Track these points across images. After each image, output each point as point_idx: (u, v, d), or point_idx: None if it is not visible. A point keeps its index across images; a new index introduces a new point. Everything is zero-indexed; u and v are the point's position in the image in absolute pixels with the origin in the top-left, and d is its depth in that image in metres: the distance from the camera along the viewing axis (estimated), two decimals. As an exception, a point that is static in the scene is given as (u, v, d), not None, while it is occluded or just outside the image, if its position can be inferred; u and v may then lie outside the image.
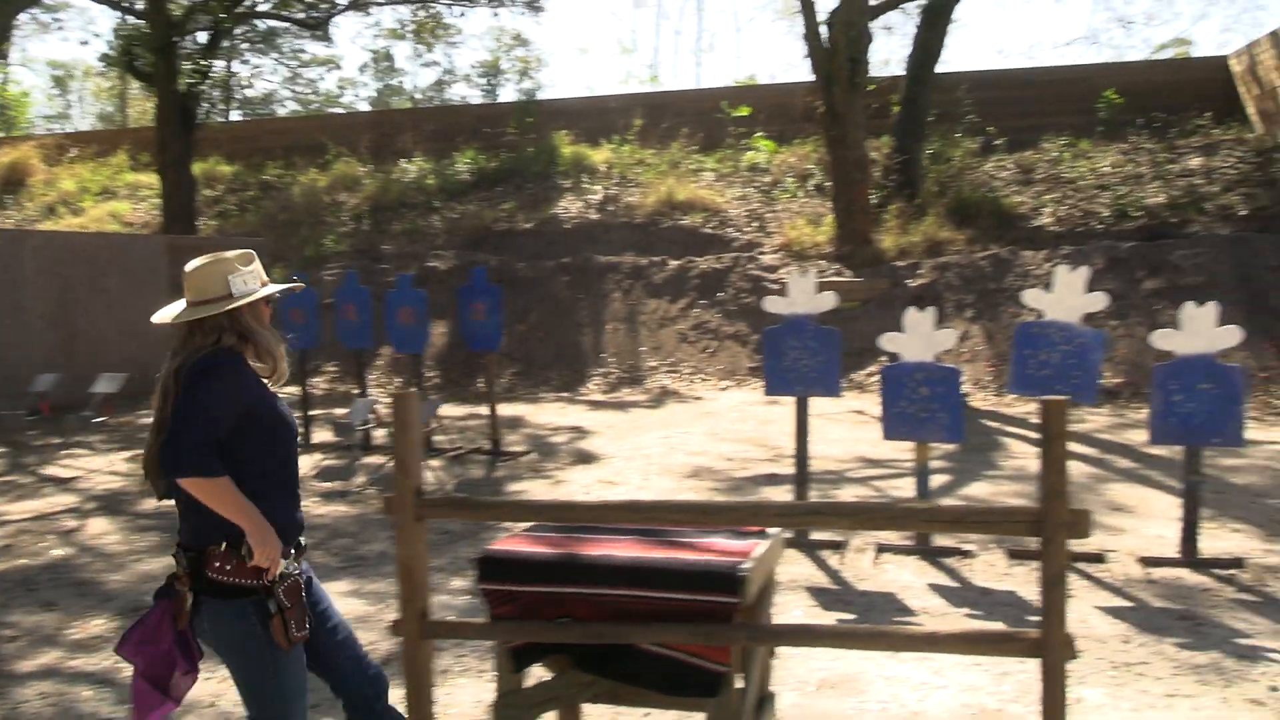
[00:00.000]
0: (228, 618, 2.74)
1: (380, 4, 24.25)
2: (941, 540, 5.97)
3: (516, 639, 3.11)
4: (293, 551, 2.85)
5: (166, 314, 2.90)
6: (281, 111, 47.60)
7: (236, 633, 2.75)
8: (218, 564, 2.71)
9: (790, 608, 5.21)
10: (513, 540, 3.24)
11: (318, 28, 24.39)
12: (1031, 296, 6.02)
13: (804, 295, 6.27)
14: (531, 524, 3.38)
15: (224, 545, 2.72)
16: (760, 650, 3.20)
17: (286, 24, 26.35)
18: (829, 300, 6.33)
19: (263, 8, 23.73)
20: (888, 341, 5.99)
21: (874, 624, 4.93)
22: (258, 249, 3.40)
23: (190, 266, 2.88)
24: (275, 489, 2.85)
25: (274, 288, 2.97)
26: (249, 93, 48.08)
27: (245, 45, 46.44)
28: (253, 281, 2.90)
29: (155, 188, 20.43)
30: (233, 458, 2.73)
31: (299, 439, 3.22)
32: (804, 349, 6.24)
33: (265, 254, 17.35)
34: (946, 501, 7.46)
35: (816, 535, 6.28)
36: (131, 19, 21.31)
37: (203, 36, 20.62)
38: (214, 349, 2.79)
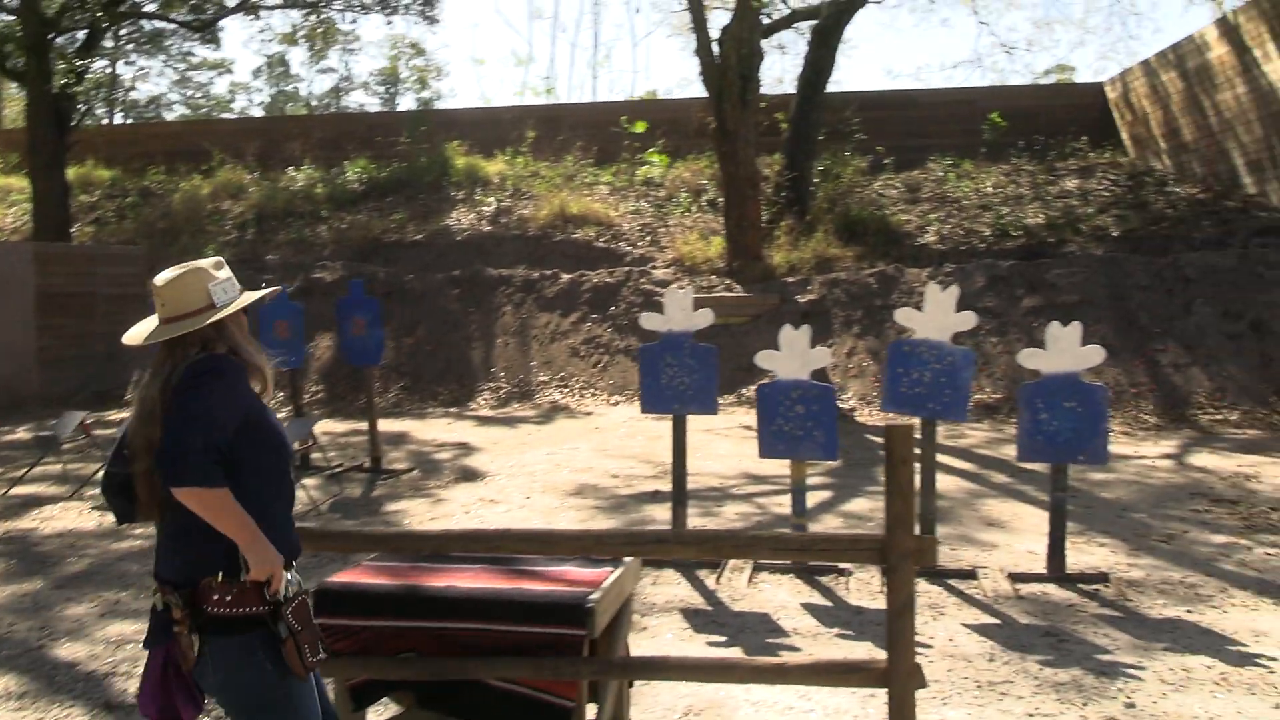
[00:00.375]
0: (235, 655, 2.48)
1: (270, 7, 23.63)
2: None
3: (356, 675, 2.96)
4: (295, 573, 2.62)
5: (140, 334, 2.66)
6: (170, 116, 46.22)
7: (244, 672, 2.48)
8: (216, 596, 2.46)
9: (662, 630, 5.13)
10: (353, 571, 3.09)
11: (204, 30, 23.65)
12: (903, 315, 6.06)
13: (681, 312, 6.22)
14: (375, 553, 3.23)
15: (220, 576, 2.47)
16: (614, 682, 3.10)
17: (173, 25, 25.56)
18: (706, 317, 6.29)
19: (147, 8, 22.95)
20: (764, 359, 5.96)
21: (746, 646, 4.88)
22: (132, 257, 3.13)
23: (163, 280, 2.63)
24: (275, 506, 2.61)
25: (255, 294, 2.75)
26: (134, 95, 46.59)
27: (130, 46, 45.06)
28: (231, 289, 2.68)
29: (27, 192, 19.51)
30: (231, 471, 2.49)
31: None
32: (681, 366, 6.18)
33: (140, 263, 16.73)
34: (827, 518, 7.49)
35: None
36: (4, 15, 20.37)
37: (81, 35, 19.80)
38: (208, 354, 2.57)
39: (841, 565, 5.96)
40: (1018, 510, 7.67)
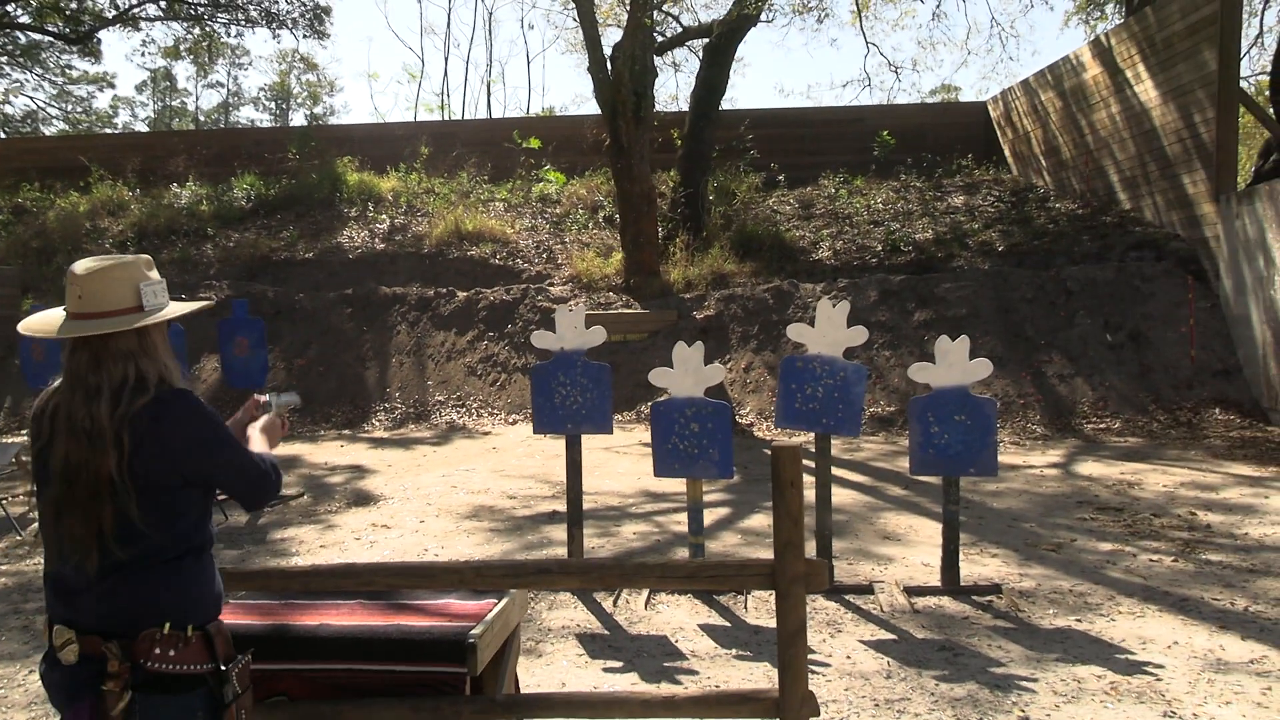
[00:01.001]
0: (172, 718, 2.18)
1: (150, 19, 22.91)
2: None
3: (222, 724, 2.76)
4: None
5: (45, 325, 2.30)
6: (50, 131, 44.43)
7: None
8: (159, 651, 2.15)
9: (558, 657, 5.00)
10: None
11: (81, 42, 22.81)
12: (795, 331, 6.05)
13: (573, 330, 6.11)
14: (243, 591, 3.03)
15: (166, 627, 2.17)
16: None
17: (48, 37, 24.56)
18: (599, 334, 6.19)
19: (21, 19, 22.03)
20: (657, 377, 5.89)
21: (643, 670, 4.78)
22: (5, 278, 2.70)
23: (84, 268, 2.26)
24: (210, 551, 2.36)
25: (187, 306, 2.42)
26: (9, 110, 44.71)
27: (4, 59, 43.29)
28: (162, 295, 2.33)
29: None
30: (183, 511, 2.24)
31: None
32: (574, 385, 6.07)
33: (13, 283, 15.95)
34: (726, 535, 7.45)
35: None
36: None
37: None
38: (172, 390, 2.25)
39: (739, 584, 5.91)
40: (913, 523, 7.74)
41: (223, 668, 2.24)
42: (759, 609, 5.68)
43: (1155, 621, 5.32)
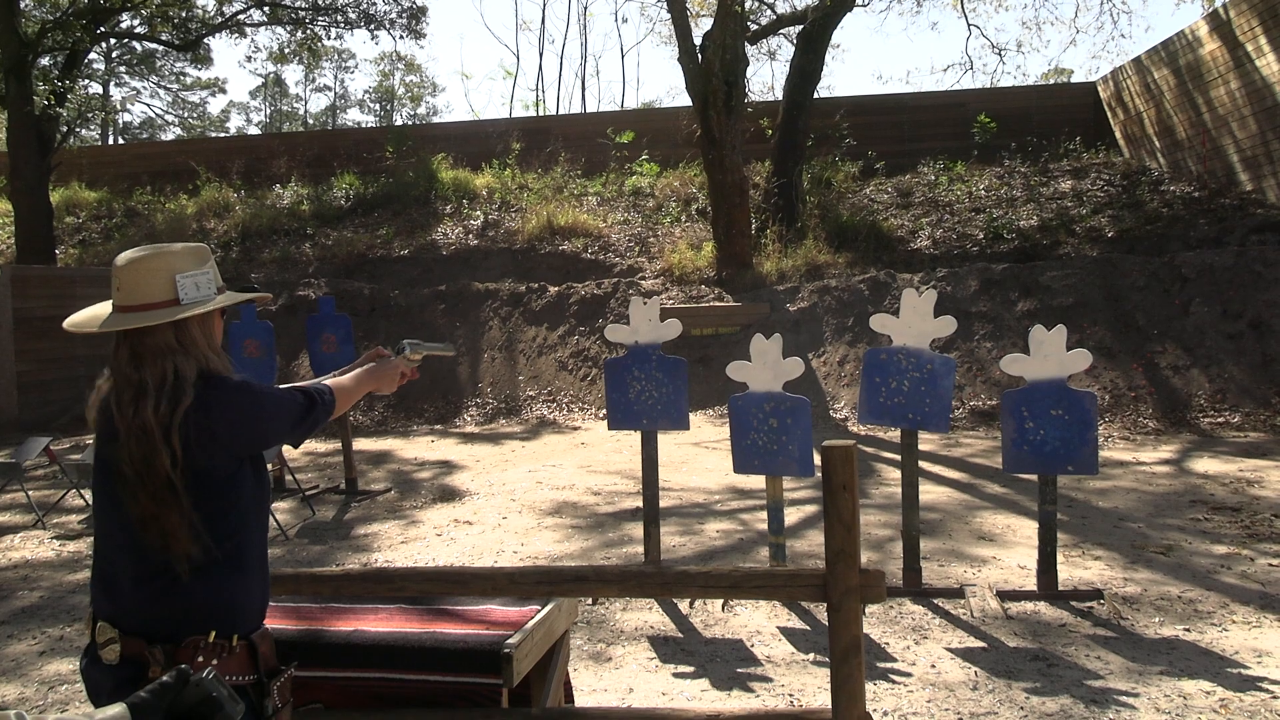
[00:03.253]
0: None
1: (254, 24, 23.47)
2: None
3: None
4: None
5: (87, 319, 2.23)
6: (166, 136, 46.16)
7: None
8: (201, 659, 2.08)
9: (629, 661, 4.84)
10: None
11: (189, 49, 23.49)
12: (878, 321, 5.78)
13: (647, 323, 5.94)
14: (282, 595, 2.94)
15: (212, 635, 2.10)
16: (546, 731, 2.81)
17: (162, 46, 25.39)
18: (674, 328, 6.01)
19: (138, 29, 22.80)
20: (735, 371, 5.68)
21: (714, 677, 4.59)
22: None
23: (123, 260, 2.20)
24: (262, 555, 2.26)
25: (233, 296, 2.31)
26: (128, 117, 46.59)
27: (123, 69, 45.08)
28: (205, 286, 2.23)
29: (11, 214, 19.31)
30: (233, 504, 2.16)
31: None
32: (649, 379, 5.90)
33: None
34: (811, 534, 7.20)
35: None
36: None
37: (63, 57, 19.63)
38: (216, 375, 2.18)
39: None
40: (1011, 522, 7.37)
41: (264, 680, 2.14)
42: (842, 612, 5.43)
43: (1273, 632, 4.91)
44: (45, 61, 19.37)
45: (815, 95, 17.47)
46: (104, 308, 2.26)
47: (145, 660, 2.10)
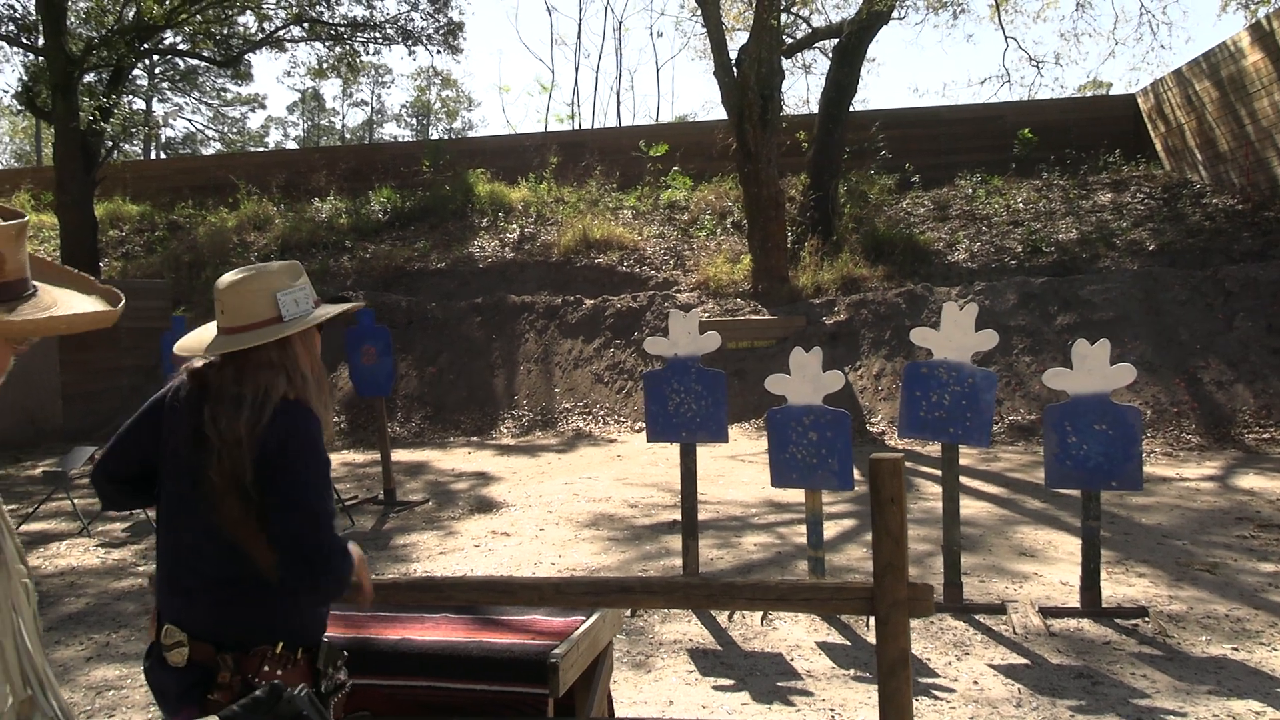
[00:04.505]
0: None
1: (294, 40, 23.76)
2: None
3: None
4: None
5: (195, 343, 2.26)
6: (207, 151, 46.83)
7: None
8: (268, 669, 2.11)
9: (668, 673, 4.84)
10: (304, 623, 2.83)
11: (230, 65, 23.82)
12: (919, 335, 5.75)
13: (686, 335, 5.94)
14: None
15: (280, 645, 2.13)
16: (590, 741, 2.82)
17: (204, 62, 25.83)
18: (713, 340, 6.01)
19: (179, 46, 23.19)
20: (773, 384, 5.68)
21: (754, 690, 4.57)
22: (157, 291, 2.59)
23: (225, 282, 2.24)
24: None
25: (331, 309, 2.34)
26: (170, 132, 47.31)
27: (165, 85, 45.79)
28: (305, 301, 2.26)
29: (57, 228, 19.65)
30: None
31: None
32: (688, 392, 5.91)
33: (165, 296, 16.72)
34: (850, 548, 7.16)
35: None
36: (32, 55, 20.61)
37: (108, 74, 19.97)
38: (298, 404, 2.19)
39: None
40: (1052, 538, 7.29)
41: (325, 694, 2.17)
42: (882, 627, 5.40)
43: (1324, 652, 4.83)
44: (91, 78, 19.68)
45: (851, 108, 17.43)
46: (209, 330, 2.30)
47: (214, 665, 2.13)
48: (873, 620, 5.35)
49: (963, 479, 9.26)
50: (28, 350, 1.64)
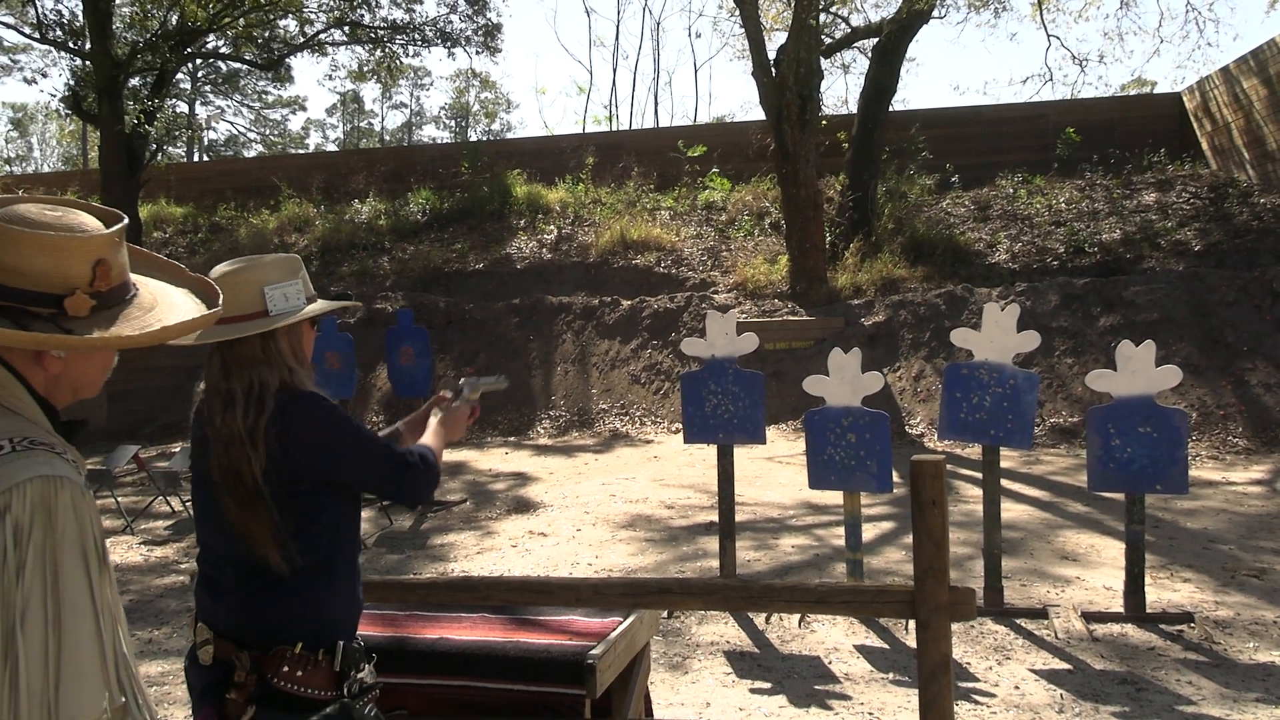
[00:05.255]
0: None
1: (336, 44, 23.98)
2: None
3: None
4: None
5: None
6: (249, 154, 47.40)
7: None
8: (287, 669, 2.08)
9: (705, 675, 4.82)
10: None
11: (272, 68, 24.10)
12: (960, 336, 5.69)
13: (724, 336, 5.92)
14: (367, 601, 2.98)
15: (299, 645, 2.10)
16: (627, 742, 2.81)
17: (246, 66, 26.13)
18: (751, 341, 5.98)
19: (222, 50, 23.50)
20: (812, 385, 5.64)
21: (792, 693, 4.55)
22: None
23: (217, 273, 2.21)
24: (352, 571, 2.26)
25: (323, 305, 2.31)
26: (213, 135, 47.91)
27: (208, 88, 46.37)
28: (295, 297, 2.25)
29: (101, 230, 19.96)
30: (314, 519, 2.16)
31: None
32: (725, 393, 5.88)
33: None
34: (889, 550, 7.11)
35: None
36: (78, 59, 20.96)
37: (152, 77, 20.26)
38: (283, 397, 2.17)
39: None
40: (1095, 542, 7.19)
41: (346, 698, 2.13)
42: (921, 631, 5.35)
43: (1377, 661, 4.73)
44: (135, 82, 19.97)
45: (890, 108, 17.30)
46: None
47: (234, 664, 2.12)
48: (912, 623, 5.31)
49: (1004, 481, 9.16)
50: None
